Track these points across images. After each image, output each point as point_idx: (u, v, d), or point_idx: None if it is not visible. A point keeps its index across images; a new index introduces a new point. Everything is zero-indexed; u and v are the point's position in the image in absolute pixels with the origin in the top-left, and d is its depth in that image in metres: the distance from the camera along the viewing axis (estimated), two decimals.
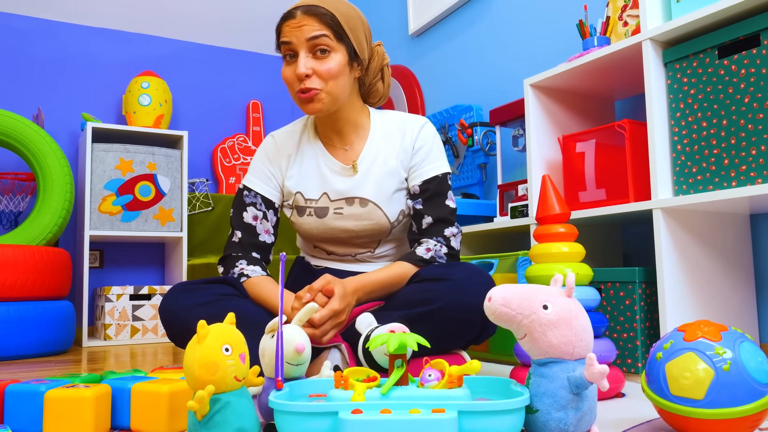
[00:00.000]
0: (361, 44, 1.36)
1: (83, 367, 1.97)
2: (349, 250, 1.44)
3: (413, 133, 1.42)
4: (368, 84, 1.44)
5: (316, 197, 1.41)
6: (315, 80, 1.30)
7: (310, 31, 1.29)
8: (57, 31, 3.10)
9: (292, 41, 1.30)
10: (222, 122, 3.45)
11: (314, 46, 1.29)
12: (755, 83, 1.26)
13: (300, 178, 1.43)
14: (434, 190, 1.39)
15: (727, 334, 0.85)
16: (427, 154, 1.41)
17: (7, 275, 2.30)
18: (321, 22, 1.29)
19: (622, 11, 1.66)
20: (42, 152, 2.57)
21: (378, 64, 1.44)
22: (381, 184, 1.40)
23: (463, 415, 0.74)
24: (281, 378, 0.84)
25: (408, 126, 1.43)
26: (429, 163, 1.41)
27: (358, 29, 1.35)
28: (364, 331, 1.16)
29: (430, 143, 1.42)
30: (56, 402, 0.89)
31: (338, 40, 1.31)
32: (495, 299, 0.83)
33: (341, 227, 1.40)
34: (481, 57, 2.50)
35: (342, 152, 1.44)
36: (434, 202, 1.39)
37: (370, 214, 1.39)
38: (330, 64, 1.30)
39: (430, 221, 1.38)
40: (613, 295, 1.51)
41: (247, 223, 1.41)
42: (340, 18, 1.31)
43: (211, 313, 1.23)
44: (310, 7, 1.30)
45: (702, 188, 1.36)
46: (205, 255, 3.05)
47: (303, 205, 1.42)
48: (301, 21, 1.29)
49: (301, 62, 1.29)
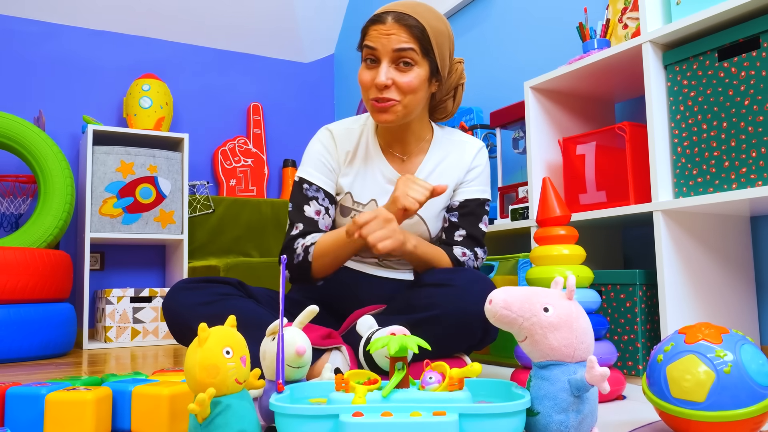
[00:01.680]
0: (444, 60, 1.32)
1: (84, 370, 1.97)
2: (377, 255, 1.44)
3: (471, 154, 1.43)
4: (439, 99, 1.42)
5: (364, 201, 1.40)
6: (393, 91, 1.27)
7: (398, 42, 1.25)
8: (58, 33, 3.11)
9: (377, 48, 1.27)
10: (223, 125, 3.45)
11: (399, 57, 1.26)
12: (755, 85, 1.27)
13: (354, 179, 1.40)
14: (472, 210, 1.41)
15: (727, 337, 0.85)
16: (477, 176, 1.43)
17: (7, 278, 2.30)
18: (410, 34, 1.25)
19: (622, 14, 1.66)
20: (43, 155, 2.57)
21: (454, 82, 1.41)
22: (432, 201, 1.39)
23: (464, 418, 0.74)
24: (282, 381, 0.84)
25: (467, 147, 1.44)
26: (477, 185, 1.42)
27: (444, 45, 1.31)
28: (365, 334, 1.16)
29: (482, 167, 1.44)
30: (57, 405, 0.89)
31: (424, 54, 1.27)
32: (496, 302, 0.83)
33: None
34: (481, 59, 2.50)
35: (399, 161, 1.42)
36: (469, 220, 1.40)
37: (414, 227, 1.39)
38: (411, 78, 1.27)
39: (464, 234, 1.39)
40: (614, 297, 1.51)
41: (309, 217, 1.36)
42: (430, 32, 1.27)
43: (212, 313, 1.24)
44: (401, 16, 1.26)
45: (702, 190, 1.36)
46: (206, 257, 3.05)
47: (349, 206, 1.40)
48: (390, 29, 1.26)
49: (383, 71, 1.26)
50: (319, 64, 3.77)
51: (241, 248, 3.18)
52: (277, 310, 1.36)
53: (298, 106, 3.67)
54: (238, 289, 1.34)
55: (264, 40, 3.53)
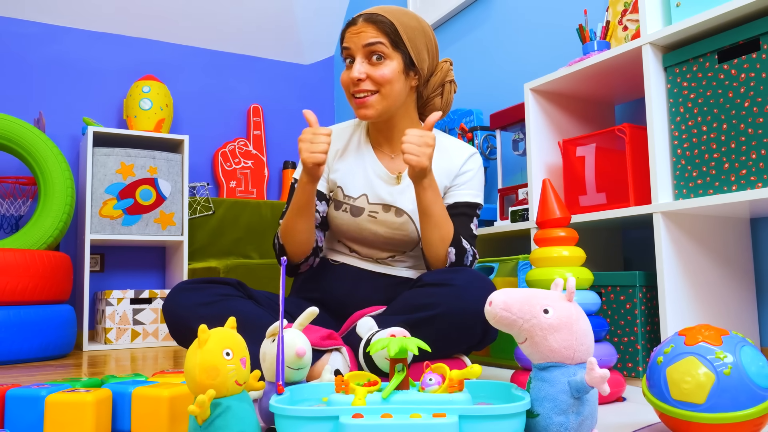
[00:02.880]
0: (419, 54, 1.39)
1: (84, 372, 1.97)
2: (372, 252, 1.45)
3: (461, 158, 1.45)
4: (426, 97, 1.47)
5: (355, 196, 1.43)
6: (368, 84, 1.35)
7: (367, 37, 1.35)
8: (58, 35, 3.11)
9: (350, 47, 1.37)
10: (223, 126, 3.45)
11: (370, 52, 1.35)
12: (755, 87, 1.27)
13: (344, 174, 1.45)
14: (463, 212, 1.42)
15: (727, 339, 0.85)
16: (468, 181, 1.45)
17: (7, 279, 2.30)
18: (379, 29, 1.35)
19: (622, 16, 1.66)
20: (43, 156, 2.57)
21: (440, 80, 1.46)
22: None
23: (464, 420, 0.74)
24: (282, 382, 0.84)
25: (459, 151, 1.47)
26: (467, 189, 1.44)
27: (418, 39, 1.38)
28: (364, 336, 1.16)
29: (474, 172, 1.46)
30: (57, 406, 0.89)
31: (394, 47, 1.35)
32: (496, 303, 0.83)
33: (372, 230, 1.42)
34: (481, 61, 2.50)
35: (389, 159, 1.47)
36: (460, 220, 1.41)
37: (403, 225, 1.41)
38: (384, 70, 1.35)
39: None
40: (614, 299, 1.51)
41: None
42: (399, 27, 1.36)
43: (213, 314, 1.24)
44: (370, 15, 1.36)
45: (702, 192, 1.36)
46: (206, 259, 3.05)
47: (341, 200, 1.44)
48: (361, 28, 1.36)
49: (356, 67, 1.35)
50: (319, 66, 3.77)
51: (241, 250, 3.18)
52: (277, 311, 1.36)
53: (298, 108, 3.67)
54: (238, 290, 1.35)
55: (264, 42, 3.54)
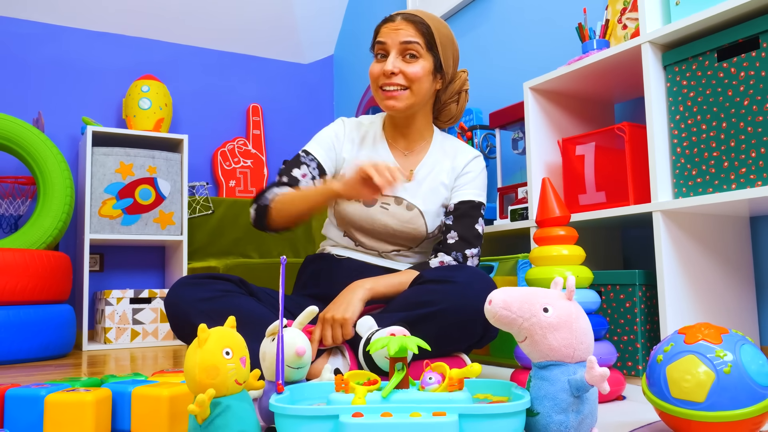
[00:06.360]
0: (447, 60, 1.46)
1: (83, 371, 1.97)
2: (378, 245, 1.48)
3: (465, 159, 1.52)
4: (443, 102, 1.54)
5: None
6: (400, 79, 1.41)
7: (405, 35, 1.41)
8: (57, 35, 3.11)
9: (386, 42, 1.42)
10: (222, 126, 3.45)
11: (405, 49, 1.41)
12: (754, 86, 1.27)
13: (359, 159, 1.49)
14: (466, 212, 1.46)
15: (727, 337, 0.85)
16: (470, 180, 1.50)
17: (7, 279, 2.29)
18: (417, 30, 1.41)
19: (621, 14, 1.66)
20: (42, 156, 2.57)
21: (458, 87, 1.53)
22: (430, 196, 1.47)
23: (464, 419, 0.74)
24: (282, 381, 0.84)
25: (463, 153, 1.53)
26: (470, 189, 1.49)
27: (447, 47, 1.46)
28: (364, 335, 1.16)
29: (476, 172, 1.51)
30: (57, 406, 0.89)
31: (428, 49, 1.42)
32: (495, 302, 0.83)
33: (382, 222, 1.44)
34: (480, 60, 2.50)
35: (402, 155, 1.52)
36: (463, 222, 1.45)
37: (413, 219, 1.45)
38: (416, 68, 1.41)
39: (456, 238, 1.43)
40: (614, 297, 1.51)
41: (294, 176, 1.45)
42: (434, 31, 1.43)
43: (214, 309, 1.25)
44: (409, 15, 1.43)
45: (702, 191, 1.36)
46: (206, 258, 3.05)
47: None
48: (399, 25, 1.42)
49: (391, 61, 1.41)
50: (319, 65, 3.77)
51: (241, 249, 3.18)
52: (277, 309, 1.36)
53: (297, 107, 3.67)
54: (240, 286, 1.35)
55: (263, 41, 3.53)
